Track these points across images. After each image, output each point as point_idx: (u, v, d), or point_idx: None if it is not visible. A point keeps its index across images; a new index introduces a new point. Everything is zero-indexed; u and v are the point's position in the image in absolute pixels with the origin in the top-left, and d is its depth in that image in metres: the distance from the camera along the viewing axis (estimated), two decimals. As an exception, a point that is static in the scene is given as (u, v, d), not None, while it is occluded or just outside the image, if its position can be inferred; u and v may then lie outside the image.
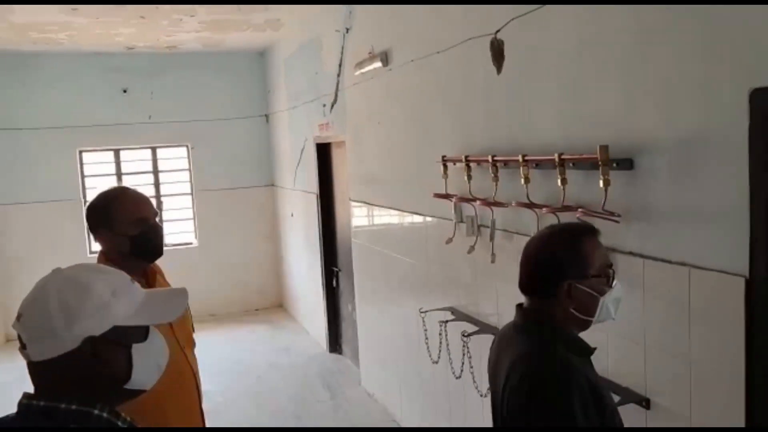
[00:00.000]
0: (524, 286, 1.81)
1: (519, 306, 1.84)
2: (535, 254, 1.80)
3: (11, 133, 7.58)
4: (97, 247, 8.09)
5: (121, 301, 1.35)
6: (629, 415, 2.38)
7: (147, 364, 1.42)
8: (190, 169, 8.38)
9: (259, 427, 4.65)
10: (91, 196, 7.92)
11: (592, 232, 1.81)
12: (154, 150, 8.27)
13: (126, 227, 2.34)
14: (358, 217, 5.47)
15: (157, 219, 2.47)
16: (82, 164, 8.00)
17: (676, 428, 2.24)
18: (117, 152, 8.14)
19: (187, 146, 8.34)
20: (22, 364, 1.37)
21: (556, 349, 1.68)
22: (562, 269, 1.72)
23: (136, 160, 8.25)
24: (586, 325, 1.78)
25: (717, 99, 1.98)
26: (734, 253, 1.96)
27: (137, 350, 1.37)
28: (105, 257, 2.40)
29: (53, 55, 7.50)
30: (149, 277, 2.47)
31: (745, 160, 1.89)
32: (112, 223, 2.34)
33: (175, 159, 8.41)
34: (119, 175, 8.14)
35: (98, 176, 8.03)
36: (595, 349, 1.79)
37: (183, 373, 2.44)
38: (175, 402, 2.39)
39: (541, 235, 1.86)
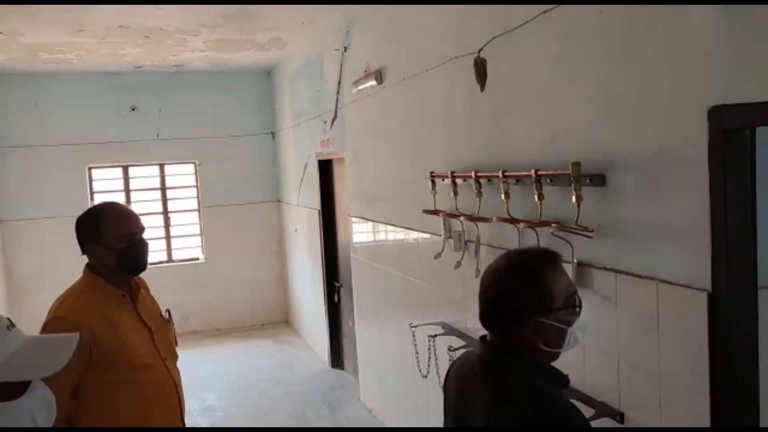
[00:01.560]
0: (485, 321, 1.68)
1: (482, 338, 1.72)
2: (495, 289, 1.66)
3: (23, 151, 7.74)
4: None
5: None
6: (603, 428, 2.41)
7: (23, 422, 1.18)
8: (197, 186, 8.50)
9: (258, 427, 4.67)
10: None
11: (553, 260, 1.68)
12: (162, 166, 8.40)
13: (113, 241, 2.43)
14: (356, 232, 5.52)
15: (143, 235, 2.56)
16: (91, 180, 8.14)
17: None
18: (126, 169, 8.27)
19: (194, 163, 8.46)
20: None
21: (543, 388, 1.58)
22: (527, 307, 1.60)
23: (144, 176, 8.37)
24: (554, 357, 1.67)
25: (679, 117, 2.01)
26: (698, 268, 1.98)
27: (6, 409, 1.15)
28: (90, 269, 2.49)
29: (63, 74, 7.67)
30: (133, 290, 2.56)
31: (705, 178, 1.93)
32: (100, 236, 2.43)
33: (182, 175, 8.53)
34: (127, 191, 8.27)
35: (107, 192, 8.16)
36: (568, 378, 1.70)
37: (164, 385, 2.51)
38: (156, 413, 2.47)
39: (498, 268, 1.69)
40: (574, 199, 2.38)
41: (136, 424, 2.42)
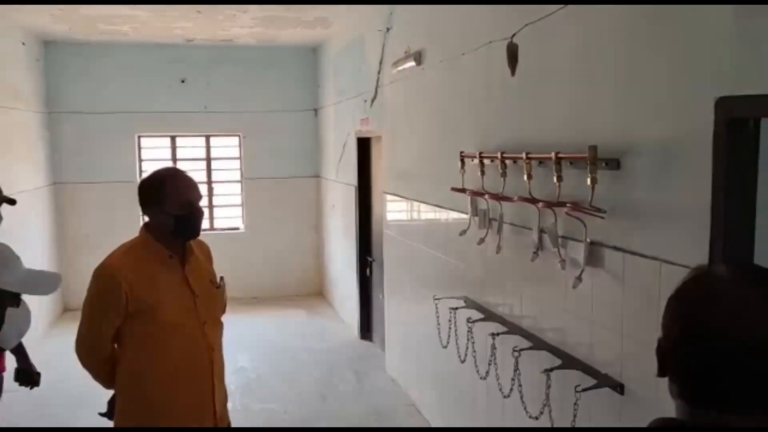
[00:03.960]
0: None
1: None
2: None
3: (78, 117, 8.10)
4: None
5: (7, 271, 1.86)
6: (604, 399, 2.56)
7: (12, 327, 1.94)
8: (240, 158, 8.77)
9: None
10: (147, 179, 8.42)
11: None
12: (207, 138, 8.69)
13: (173, 207, 2.57)
14: (390, 209, 5.70)
15: (200, 203, 2.71)
16: (140, 149, 8.48)
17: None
18: (173, 139, 8.59)
19: (239, 136, 8.73)
20: None
21: None
22: None
23: (191, 146, 8.68)
24: None
25: (689, 106, 2.13)
26: (698, 250, 2.10)
27: (9, 313, 1.89)
28: (146, 228, 2.67)
29: (118, 45, 8.00)
30: (186, 253, 2.69)
31: (709, 165, 2.04)
32: (161, 201, 2.57)
33: (227, 147, 8.82)
34: (174, 160, 8.59)
35: (154, 161, 8.49)
36: None
37: (196, 347, 2.65)
38: (184, 372, 2.63)
39: None
40: (589, 181, 2.51)
41: (163, 379, 2.60)
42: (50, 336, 7.14)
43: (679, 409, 1.08)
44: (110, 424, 2.76)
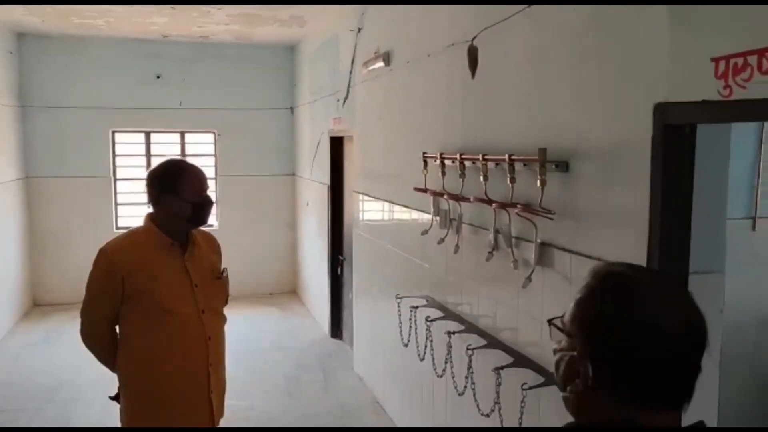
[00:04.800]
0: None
1: None
2: None
3: (51, 111, 8.04)
4: (123, 222, 8.57)
5: None
6: (552, 396, 2.61)
7: None
8: (215, 155, 8.75)
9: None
10: (121, 174, 8.37)
11: None
12: (182, 134, 8.67)
13: (190, 195, 2.67)
14: (360, 208, 5.74)
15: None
16: (114, 144, 8.44)
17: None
18: (148, 134, 8.55)
19: (214, 133, 8.71)
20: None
21: None
22: None
23: (165, 143, 8.65)
24: None
25: (631, 112, 2.18)
26: (638, 252, 2.16)
27: None
28: (149, 218, 2.74)
29: (93, 40, 7.95)
30: (188, 243, 2.76)
31: (647, 169, 2.09)
32: (179, 189, 2.66)
33: (202, 144, 8.79)
34: (148, 156, 8.55)
35: (128, 156, 8.47)
36: None
37: (192, 334, 2.71)
38: (179, 358, 2.69)
39: None
40: (538, 183, 2.56)
41: (157, 363, 2.67)
42: (18, 331, 7.10)
43: (605, 415, 1.06)
44: (114, 416, 2.86)
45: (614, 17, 2.25)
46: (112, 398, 2.86)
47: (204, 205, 2.72)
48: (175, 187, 2.65)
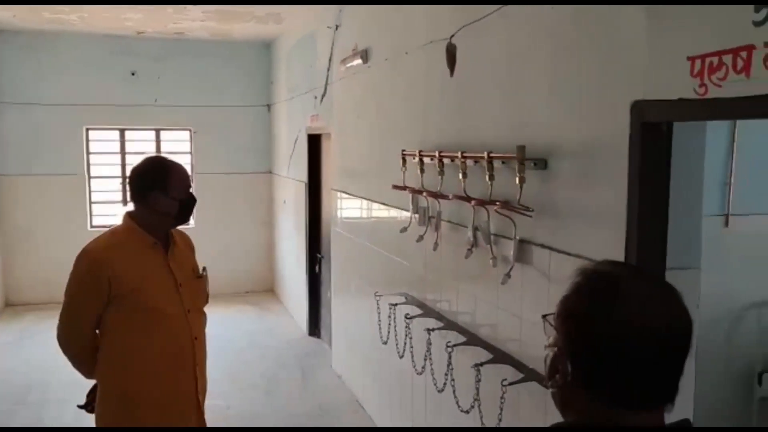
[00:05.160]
0: None
1: None
2: None
3: (23, 108, 7.90)
4: (98, 221, 8.42)
5: None
6: (531, 392, 2.63)
7: None
8: (191, 152, 8.67)
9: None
10: (95, 172, 8.26)
11: None
12: (158, 132, 8.58)
13: (178, 192, 2.64)
14: (338, 206, 5.72)
15: None
16: (88, 141, 8.32)
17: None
18: (122, 132, 8.45)
19: (190, 130, 8.63)
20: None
21: None
22: None
23: (141, 140, 8.55)
24: None
25: (608, 110, 2.20)
26: (615, 247, 2.18)
27: None
28: (129, 216, 2.68)
29: (66, 36, 7.83)
30: (169, 242, 2.71)
31: (625, 166, 2.12)
32: (168, 186, 2.61)
33: (177, 141, 8.71)
34: (123, 154, 8.45)
35: (103, 154, 8.36)
36: None
37: (179, 334, 2.67)
38: (168, 359, 2.63)
39: None
40: (517, 180, 2.57)
41: (145, 366, 2.60)
42: (-10, 332, 6.98)
43: (588, 412, 1.06)
44: (89, 417, 2.73)
45: (592, 16, 2.27)
46: (81, 407, 2.77)
47: (190, 203, 2.69)
48: (165, 185, 2.60)
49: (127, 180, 2.71)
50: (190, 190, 2.71)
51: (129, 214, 2.69)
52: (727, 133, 3.64)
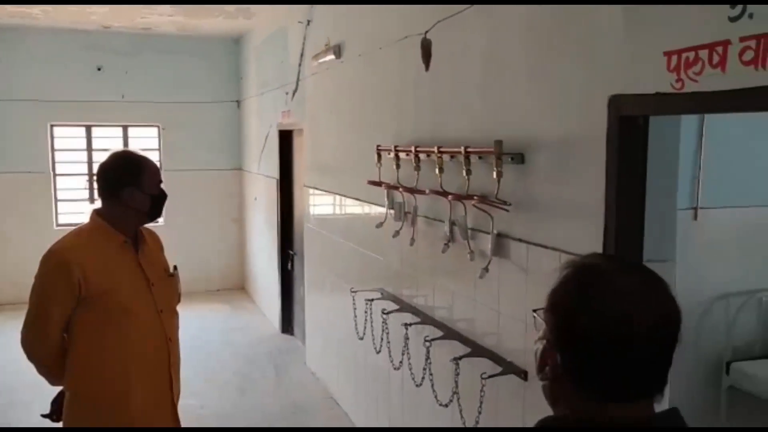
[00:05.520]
0: None
1: None
2: None
3: (-14, 104, 7.72)
4: (63, 219, 8.24)
5: None
6: (509, 385, 2.65)
7: None
8: (160, 149, 8.55)
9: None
10: (61, 170, 8.08)
11: None
12: (125, 128, 8.43)
13: (151, 188, 2.56)
14: (311, 202, 5.70)
15: None
16: (53, 138, 8.14)
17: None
18: (89, 128, 8.29)
19: (158, 127, 8.50)
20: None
21: None
22: None
23: (108, 137, 8.39)
24: None
25: (586, 104, 2.23)
26: (594, 241, 2.21)
27: None
28: (96, 214, 2.58)
29: (30, 30, 7.64)
30: (138, 240, 2.63)
31: (603, 160, 2.14)
32: (141, 182, 2.53)
33: (145, 138, 8.57)
34: (90, 151, 8.29)
35: (68, 150, 8.19)
36: None
37: (152, 335, 2.58)
38: (141, 361, 2.55)
39: None
40: (494, 174, 2.59)
41: (117, 371, 2.50)
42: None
43: (577, 404, 1.06)
44: (55, 426, 2.63)
45: (569, 11, 2.29)
46: (46, 416, 2.66)
47: (163, 199, 2.62)
48: (138, 180, 2.52)
49: (96, 176, 2.60)
50: (161, 186, 2.64)
51: (97, 212, 2.59)
52: (695, 127, 3.71)
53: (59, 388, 2.63)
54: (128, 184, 2.52)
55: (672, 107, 1.91)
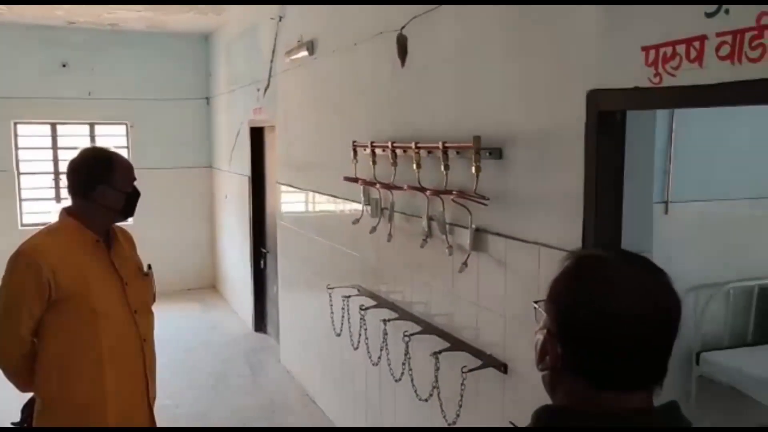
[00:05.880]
0: None
1: None
2: None
3: (-55, 101, 7.51)
4: (28, 219, 8.05)
5: None
6: (489, 378, 2.67)
7: None
8: (128, 147, 8.41)
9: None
10: (25, 168, 7.90)
11: None
12: (92, 126, 8.28)
13: (125, 185, 2.51)
14: (284, 200, 5.67)
15: None
16: (16, 136, 7.96)
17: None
18: (54, 126, 8.12)
19: (126, 124, 8.37)
20: None
21: None
22: None
23: (74, 135, 8.23)
24: None
25: (564, 99, 2.25)
26: (572, 234, 2.24)
27: None
28: (66, 213, 2.50)
29: (-9, 25, 7.47)
30: (110, 239, 2.57)
31: (581, 154, 2.17)
32: (114, 180, 2.47)
33: (113, 136, 8.42)
34: (55, 149, 8.12)
35: (33, 149, 8.02)
36: None
37: (127, 336, 2.53)
38: (115, 363, 2.48)
39: None
40: (473, 169, 2.60)
41: (91, 374, 2.43)
42: None
43: (576, 394, 1.06)
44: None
45: (545, 7, 2.31)
46: (16, 425, 2.57)
47: (136, 196, 2.57)
48: (111, 177, 2.47)
49: (66, 174, 2.53)
50: (135, 183, 2.59)
51: (67, 211, 2.51)
52: (665, 122, 3.78)
53: (30, 395, 2.55)
54: (100, 182, 2.46)
55: (650, 102, 1.94)
